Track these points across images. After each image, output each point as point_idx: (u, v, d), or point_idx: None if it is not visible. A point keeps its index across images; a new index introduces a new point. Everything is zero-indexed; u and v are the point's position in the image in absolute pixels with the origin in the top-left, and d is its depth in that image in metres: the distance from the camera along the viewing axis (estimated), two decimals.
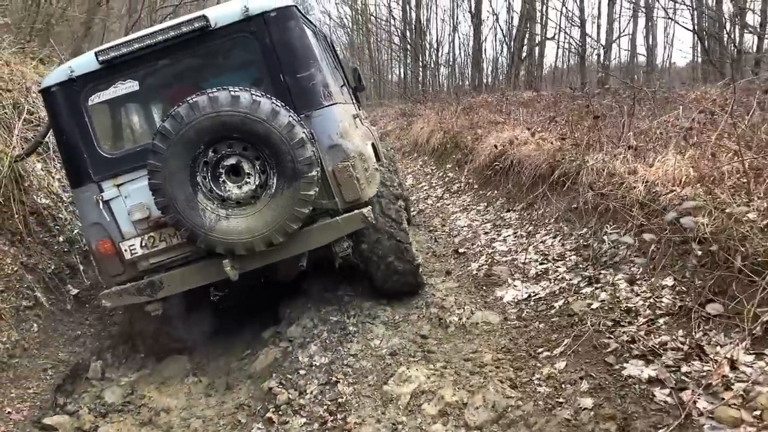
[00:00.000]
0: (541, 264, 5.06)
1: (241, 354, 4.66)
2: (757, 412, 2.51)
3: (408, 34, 28.01)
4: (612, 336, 3.46)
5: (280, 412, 3.57)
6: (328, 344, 4.22)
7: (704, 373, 2.86)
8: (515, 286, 4.82)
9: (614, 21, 25.02)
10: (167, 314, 4.29)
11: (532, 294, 4.56)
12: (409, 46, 27.83)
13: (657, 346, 3.19)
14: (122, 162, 3.99)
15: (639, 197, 4.51)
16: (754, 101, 4.96)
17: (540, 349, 3.68)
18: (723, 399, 2.65)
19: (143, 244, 4.00)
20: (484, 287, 4.97)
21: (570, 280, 4.54)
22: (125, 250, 3.99)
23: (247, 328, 5.03)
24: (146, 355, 4.73)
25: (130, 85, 3.96)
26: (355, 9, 33.94)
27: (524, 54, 26.33)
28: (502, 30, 29.90)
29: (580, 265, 4.72)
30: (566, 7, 25.28)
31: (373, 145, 4.95)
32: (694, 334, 3.18)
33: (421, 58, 27.23)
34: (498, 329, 4.11)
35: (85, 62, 3.95)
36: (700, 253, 3.47)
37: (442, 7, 49.38)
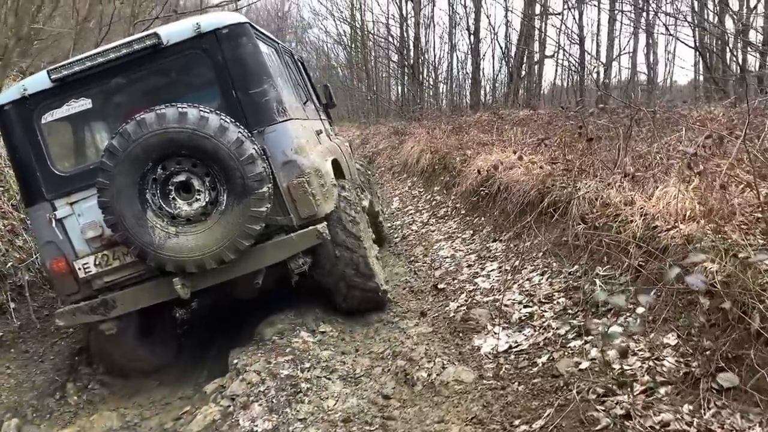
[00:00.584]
0: (525, 307, 4.45)
1: (179, 410, 4.05)
2: None
3: (405, 52, 27.59)
4: (603, 408, 2.84)
5: None
6: (275, 405, 3.63)
7: None
8: (495, 333, 4.20)
9: (614, 38, 24.63)
10: (124, 334, 4.23)
11: (513, 345, 3.95)
12: (406, 64, 27.39)
13: (657, 427, 2.57)
14: (75, 180, 3.99)
15: (636, 232, 3.92)
16: (767, 123, 4.38)
17: (517, 421, 3.05)
18: None
19: (97, 263, 4.00)
20: (461, 333, 4.36)
21: (557, 329, 3.93)
22: (79, 269, 3.99)
23: (196, 365, 4.64)
24: (107, 373, 4.55)
25: (83, 103, 3.97)
26: (353, 27, 33.59)
27: (523, 72, 25.92)
28: (501, 48, 29.55)
29: (569, 311, 4.11)
30: (565, 25, 24.71)
31: (335, 161, 4.93)
32: (702, 412, 2.57)
33: (418, 76, 26.77)
34: (471, 390, 3.48)
35: (38, 81, 3.97)
36: (708, 307, 2.86)
37: (441, 25, 49.08)
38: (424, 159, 10.85)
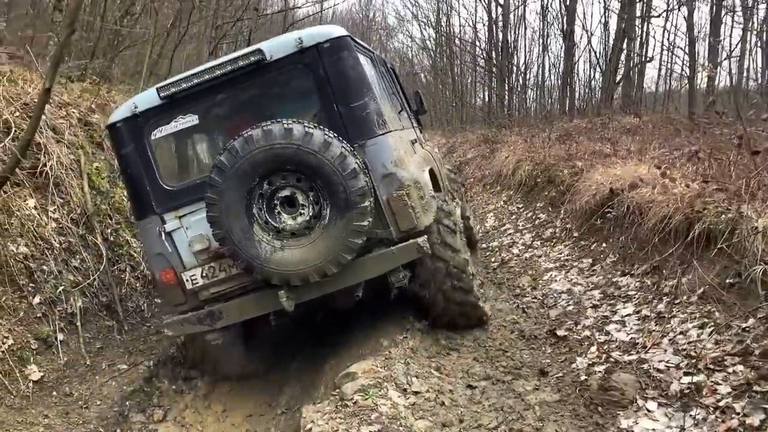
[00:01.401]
0: (687, 374, 3.35)
1: None
2: None
3: (494, 55, 26.33)
4: None
5: None
6: None
7: None
8: (649, 412, 3.14)
9: (720, 41, 22.35)
10: (227, 343, 4.36)
11: None
12: (494, 68, 26.12)
13: None
14: (183, 194, 4.10)
15: None
16: None
17: None
18: None
19: (204, 274, 4.11)
20: (600, 408, 3.30)
21: (743, 414, 2.84)
22: (187, 280, 4.11)
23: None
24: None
25: (190, 119, 4.07)
26: (439, 31, 32.67)
27: (619, 76, 24.08)
28: (594, 51, 27.77)
29: (756, 387, 3.00)
30: (672, 24, 22.72)
31: (431, 171, 4.86)
32: None
33: (507, 80, 25.45)
34: None
35: (148, 98, 4.10)
36: None
37: (532, 26, 47.07)
38: (522, 170, 9.73)
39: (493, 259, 7.07)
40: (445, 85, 34.63)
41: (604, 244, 5.83)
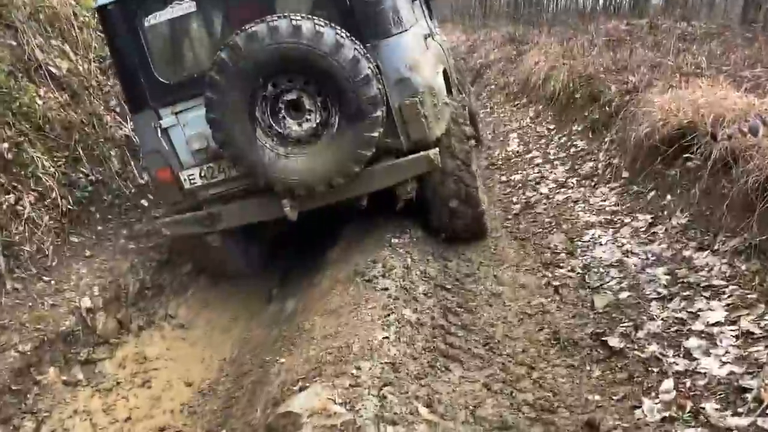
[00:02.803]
0: None
1: None
2: None
3: None
4: None
5: None
6: None
7: None
8: None
9: None
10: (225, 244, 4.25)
11: None
12: None
13: None
14: (180, 89, 3.85)
15: None
16: None
17: None
18: None
19: (202, 175, 3.95)
20: None
21: None
22: (184, 180, 3.96)
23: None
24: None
25: (187, 5, 3.74)
26: None
27: None
28: None
29: None
30: None
31: (444, 72, 4.45)
32: None
33: None
34: None
35: None
36: None
37: None
38: (556, 81, 7.98)
39: (515, 199, 5.57)
40: None
41: (668, 197, 4.29)
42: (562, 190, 5.44)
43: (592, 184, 5.33)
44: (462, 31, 21.19)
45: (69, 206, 4.59)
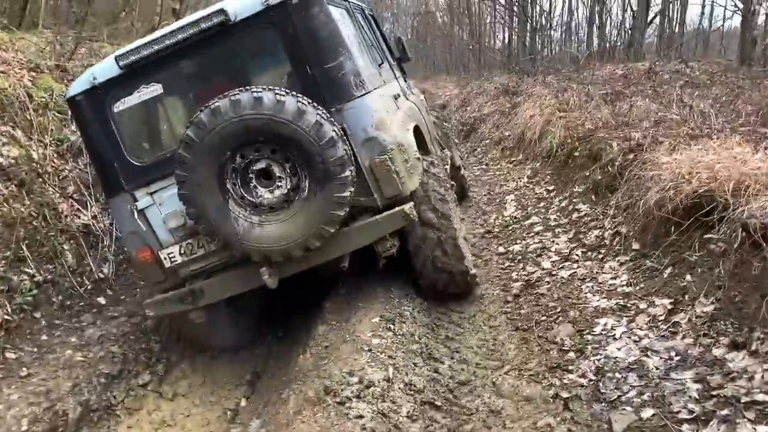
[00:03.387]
0: None
1: None
2: None
3: None
4: None
5: None
6: None
7: None
8: None
9: None
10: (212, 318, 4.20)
11: None
12: (516, 4, 23.25)
13: None
14: (153, 169, 3.90)
15: None
16: None
17: None
18: None
19: (182, 252, 3.97)
20: None
21: None
22: (164, 258, 3.98)
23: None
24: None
25: (154, 89, 3.83)
26: None
27: (652, 14, 21.12)
28: None
29: None
30: None
31: (416, 128, 4.50)
32: None
33: (530, 20, 22.63)
34: None
35: (107, 68, 3.86)
36: None
37: None
38: (552, 137, 7.53)
39: (514, 276, 5.00)
40: (462, 26, 31.93)
41: (688, 276, 3.72)
42: (567, 264, 4.88)
43: (600, 256, 4.77)
44: (456, 84, 21.00)
45: (6, 316, 4.04)
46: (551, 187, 6.77)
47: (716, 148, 4.25)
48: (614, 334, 3.63)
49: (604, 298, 4.09)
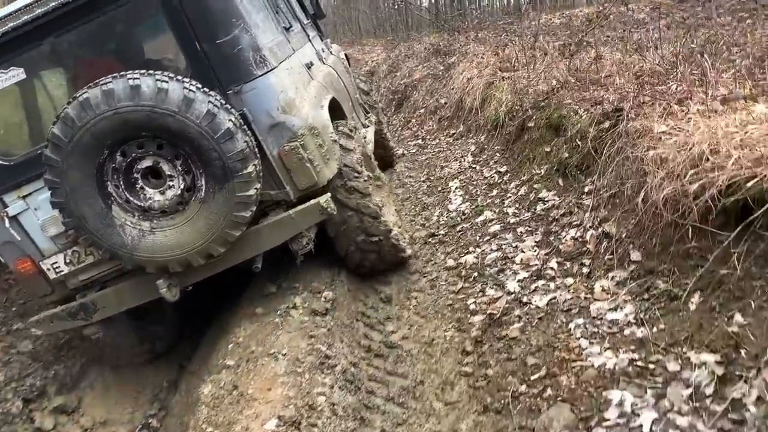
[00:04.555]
0: None
1: None
2: None
3: None
4: None
5: None
6: None
7: None
8: None
9: None
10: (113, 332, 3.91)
11: None
12: None
13: None
14: (24, 169, 3.39)
15: None
16: None
17: None
18: None
19: (67, 261, 3.54)
20: None
21: None
22: (48, 269, 3.57)
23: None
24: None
25: (14, 74, 3.29)
26: None
27: None
28: None
29: None
30: None
31: (333, 100, 4.07)
32: None
33: None
34: None
35: None
36: None
37: None
38: (497, 103, 6.18)
39: (471, 305, 3.65)
40: None
41: (738, 316, 2.45)
42: (541, 284, 3.55)
43: (585, 270, 3.46)
44: (383, 45, 19.44)
45: None
46: (503, 169, 5.41)
47: (740, 115, 2.96)
48: (639, 424, 2.33)
49: (610, 347, 2.78)
